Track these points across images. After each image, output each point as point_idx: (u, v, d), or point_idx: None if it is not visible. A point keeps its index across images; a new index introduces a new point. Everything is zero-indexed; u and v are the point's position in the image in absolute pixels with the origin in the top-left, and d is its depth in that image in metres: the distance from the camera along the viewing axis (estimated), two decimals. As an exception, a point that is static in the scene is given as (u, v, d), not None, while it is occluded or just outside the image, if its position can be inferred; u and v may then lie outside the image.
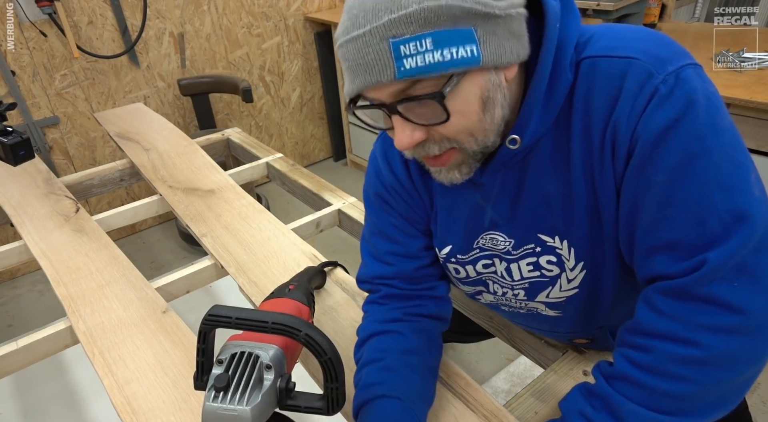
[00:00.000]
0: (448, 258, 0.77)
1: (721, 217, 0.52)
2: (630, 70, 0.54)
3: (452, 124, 0.55)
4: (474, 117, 0.55)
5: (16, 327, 2.21)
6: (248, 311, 0.62)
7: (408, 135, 0.55)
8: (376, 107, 0.56)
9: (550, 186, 0.64)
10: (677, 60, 0.54)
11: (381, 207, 0.79)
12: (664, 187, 0.54)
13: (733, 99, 1.42)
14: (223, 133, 1.83)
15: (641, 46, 0.55)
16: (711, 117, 0.53)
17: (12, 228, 1.67)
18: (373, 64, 0.52)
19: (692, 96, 0.53)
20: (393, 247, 0.79)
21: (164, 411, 0.80)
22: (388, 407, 0.66)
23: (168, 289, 1.11)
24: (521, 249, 0.70)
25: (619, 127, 0.55)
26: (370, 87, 0.53)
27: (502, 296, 0.78)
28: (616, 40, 0.57)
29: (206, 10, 2.58)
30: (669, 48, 0.56)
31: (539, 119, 0.59)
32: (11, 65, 2.17)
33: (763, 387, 1.70)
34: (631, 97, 0.54)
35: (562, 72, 0.57)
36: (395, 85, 0.53)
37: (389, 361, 0.71)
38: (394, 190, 0.76)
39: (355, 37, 0.52)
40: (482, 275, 0.77)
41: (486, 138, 0.58)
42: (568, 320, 0.77)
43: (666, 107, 0.53)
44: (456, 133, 0.56)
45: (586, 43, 0.59)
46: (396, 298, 0.79)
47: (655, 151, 0.54)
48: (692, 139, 0.52)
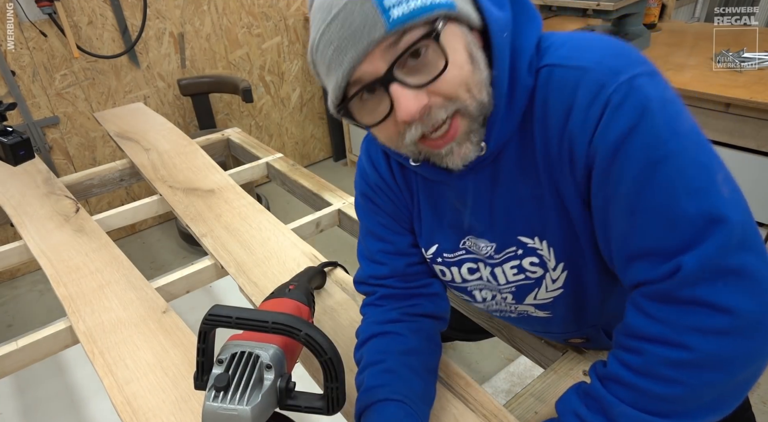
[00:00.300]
0: (435, 258, 0.77)
1: (692, 221, 0.51)
2: (582, 80, 0.54)
3: (450, 75, 0.54)
4: (466, 67, 0.55)
5: (16, 327, 2.21)
6: (248, 311, 0.62)
7: (412, 100, 0.54)
8: (373, 84, 0.55)
9: (521, 188, 0.64)
10: (630, 69, 0.54)
11: (368, 207, 0.80)
12: (630, 196, 0.54)
13: (733, 99, 1.42)
14: (223, 133, 1.84)
15: (595, 56, 0.55)
16: (669, 121, 0.52)
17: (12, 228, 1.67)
18: (361, 28, 0.52)
19: (646, 103, 0.52)
20: (383, 246, 0.80)
21: (164, 411, 0.80)
22: (392, 410, 0.66)
23: (168, 289, 1.11)
24: (503, 252, 0.71)
25: (574, 139, 0.56)
26: (362, 55, 0.53)
27: (492, 301, 0.79)
28: (573, 50, 0.57)
29: (206, 10, 2.58)
30: (623, 57, 0.55)
31: (502, 124, 0.60)
32: (11, 65, 2.17)
33: (763, 387, 1.70)
34: (583, 108, 0.54)
35: (520, 78, 0.58)
36: (387, 42, 0.52)
37: (389, 364, 0.71)
38: (379, 189, 0.77)
39: (335, 14, 0.52)
40: (468, 284, 0.78)
41: (481, 93, 0.57)
42: (559, 320, 0.78)
43: (619, 117, 0.52)
44: (455, 87, 0.55)
45: (546, 50, 0.59)
46: (392, 298, 0.80)
47: (615, 162, 0.54)
48: (651, 146, 0.52)
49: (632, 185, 0.53)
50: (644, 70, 0.54)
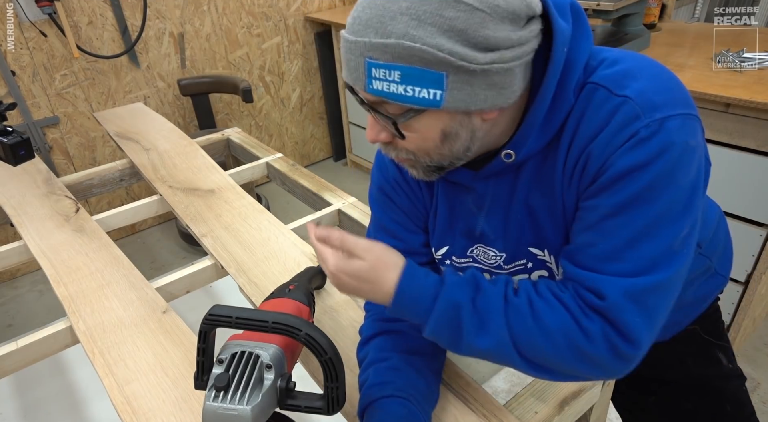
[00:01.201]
0: (443, 260, 0.77)
1: (637, 260, 0.56)
2: (621, 108, 0.55)
3: (409, 141, 0.59)
4: (431, 143, 0.59)
5: (16, 327, 2.21)
6: (248, 311, 0.62)
7: (375, 132, 0.60)
8: (360, 99, 0.59)
9: (535, 198, 0.65)
10: (669, 108, 0.55)
11: (384, 202, 0.80)
12: (602, 216, 0.57)
13: (733, 99, 1.42)
14: (223, 133, 1.84)
15: (640, 87, 0.56)
16: (675, 170, 0.55)
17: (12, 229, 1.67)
18: (353, 69, 0.56)
19: (667, 147, 0.54)
20: (394, 243, 0.79)
21: (164, 411, 0.80)
22: (395, 407, 0.66)
23: (168, 289, 1.11)
24: (512, 264, 0.71)
25: (591, 157, 0.57)
26: (353, 82, 0.57)
27: None
28: (620, 74, 0.58)
29: (206, 10, 2.58)
30: (667, 94, 0.56)
31: (536, 138, 0.60)
32: (11, 65, 2.17)
33: (764, 387, 1.70)
34: (611, 133, 0.56)
35: (565, 95, 0.58)
36: (366, 94, 0.56)
37: (394, 362, 0.71)
38: (398, 185, 0.77)
39: (347, 39, 0.56)
40: None
41: (442, 160, 0.61)
42: None
43: (639, 150, 0.54)
44: (412, 149, 0.60)
45: (595, 67, 0.59)
46: None
47: (614, 186, 0.56)
48: (646, 187, 0.55)
49: (611, 208, 0.56)
50: (681, 111, 0.56)
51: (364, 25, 0.53)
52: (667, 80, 0.58)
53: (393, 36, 0.51)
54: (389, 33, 0.51)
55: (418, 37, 0.50)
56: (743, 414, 0.91)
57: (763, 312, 1.88)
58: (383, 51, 0.52)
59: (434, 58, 0.51)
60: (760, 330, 1.90)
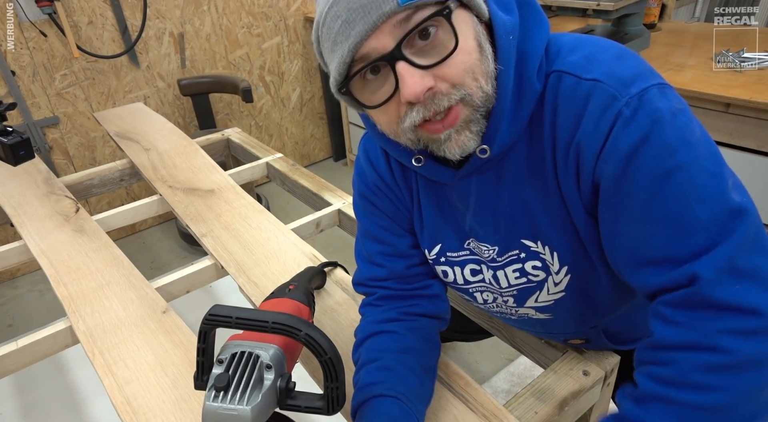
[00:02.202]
0: (438, 258, 0.77)
1: (705, 227, 0.52)
2: (594, 92, 0.55)
3: (458, 59, 0.54)
4: (474, 55, 0.55)
5: (16, 327, 2.21)
6: (248, 311, 0.62)
7: (418, 79, 0.53)
8: (379, 62, 0.54)
9: (527, 191, 0.64)
10: (641, 82, 0.55)
11: (367, 208, 0.79)
12: (643, 205, 0.54)
13: (733, 99, 1.42)
14: (223, 133, 1.84)
15: (606, 68, 0.56)
16: (679, 132, 0.53)
17: (12, 229, 1.67)
18: (371, 1, 0.51)
19: (656, 115, 0.53)
20: (381, 248, 0.79)
21: (164, 411, 0.80)
22: (386, 406, 0.66)
23: (168, 289, 1.11)
24: (506, 255, 0.71)
25: (583, 149, 0.56)
26: (371, 29, 0.52)
27: (493, 303, 0.79)
28: (584, 58, 0.58)
29: (206, 10, 2.58)
30: (634, 69, 0.56)
31: (507, 128, 0.59)
32: (11, 65, 2.17)
33: (763, 387, 1.70)
34: (594, 119, 0.55)
35: (527, 83, 0.58)
36: (397, 17, 0.51)
37: (386, 361, 0.71)
38: (378, 189, 0.76)
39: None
40: (470, 286, 0.78)
41: (487, 84, 0.56)
42: (559, 322, 0.78)
43: (631, 128, 0.53)
44: (462, 73, 0.54)
45: (556, 54, 0.59)
46: (391, 299, 0.79)
47: (627, 171, 0.54)
48: (662, 156, 0.53)
49: (644, 195, 0.54)
50: (653, 82, 0.55)
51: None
52: (630, 57, 0.58)
53: None
54: None
55: None
56: None
57: (763, 312, 1.88)
58: None
59: None
60: (760, 330, 1.90)
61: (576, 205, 0.61)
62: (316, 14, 0.57)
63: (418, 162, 0.67)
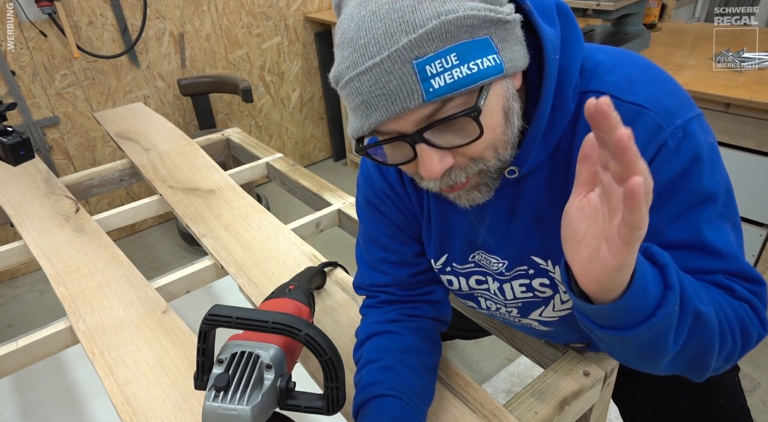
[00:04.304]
0: (443, 268, 0.77)
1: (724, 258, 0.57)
2: (640, 119, 0.54)
3: (482, 140, 0.52)
4: (499, 129, 0.53)
5: (16, 327, 2.21)
6: (248, 311, 0.62)
7: (438, 162, 0.52)
8: (399, 140, 0.52)
9: (544, 209, 0.64)
10: (684, 112, 0.55)
11: (373, 214, 0.78)
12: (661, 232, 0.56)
13: (733, 99, 1.42)
14: (223, 133, 1.83)
15: (650, 94, 0.55)
16: (712, 170, 0.56)
17: (12, 229, 1.67)
18: (396, 92, 0.48)
19: (697, 150, 0.55)
20: (386, 255, 0.78)
21: (164, 411, 0.80)
22: (388, 406, 0.66)
23: (168, 289, 1.10)
24: (514, 270, 0.70)
25: None
26: (394, 118, 0.50)
27: (496, 311, 0.79)
28: (626, 81, 0.56)
29: (206, 10, 2.58)
30: (676, 97, 0.56)
31: (539, 150, 0.59)
32: (11, 65, 2.17)
33: (764, 387, 1.70)
34: (639, 146, 0.54)
35: (563, 103, 0.56)
36: (422, 111, 0.49)
37: (388, 361, 0.71)
38: (386, 196, 0.75)
39: (370, 67, 0.48)
40: (474, 291, 0.78)
41: (506, 151, 0.56)
42: (561, 333, 0.78)
43: (674, 161, 0.54)
44: (483, 151, 0.54)
45: (592, 73, 0.58)
46: (393, 303, 0.80)
47: (662, 202, 0.55)
48: (695, 192, 0.55)
49: (667, 222, 0.56)
50: (695, 114, 0.56)
51: (385, 37, 0.47)
52: (669, 82, 0.58)
53: (431, 20, 0.47)
54: (424, 21, 0.47)
55: (452, 9, 0.47)
56: (735, 405, 0.92)
57: (763, 312, 1.88)
58: (429, 41, 0.47)
59: (477, 19, 0.48)
60: (760, 330, 1.90)
61: None
62: (335, 63, 0.53)
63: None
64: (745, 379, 1.71)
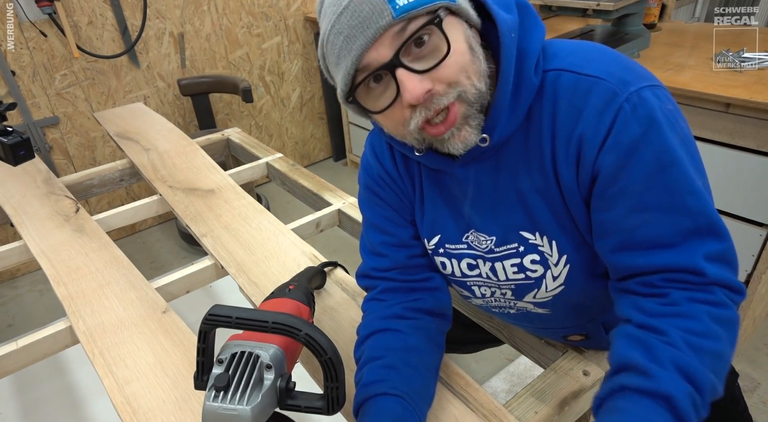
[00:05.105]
0: (437, 249, 0.78)
1: (695, 217, 0.59)
2: (594, 88, 0.60)
3: (451, 60, 0.58)
4: (466, 55, 0.59)
5: (16, 327, 2.21)
6: (248, 311, 0.62)
7: (417, 84, 0.58)
8: (380, 70, 0.58)
9: (524, 182, 0.67)
10: (637, 82, 0.60)
11: (371, 199, 0.82)
12: (639, 195, 0.59)
13: (733, 99, 1.42)
14: (223, 133, 1.84)
15: (606, 68, 0.61)
16: (673, 131, 0.59)
17: (12, 229, 1.67)
18: (369, 16, 0.55)
19: (652, 113, 0.58)
20: (385, 238, 0.81)
21: (164, 411, 0.80)
22: (389, 405, 0.66)
23: (168, 289, 1.11)
24: (503, 247, 0.72)
25: (585, 140, 0.60)
26: (370, 42, 0.56)
27: (491, 297, 0.80)
28: (583, 60, 0.62)
29: (206, 10, 2.58)
30: (631, 71, 0.61)
31: (507, 120, 0.63)
32: (11, 65, 2.17)
33: (763, 387, 1.70)
34: (596, 113, 0.59)
35: (526, 77, 0.62)
36: (393, 29, 0.56)
37: (390, 359, 0.71)
38: (382, 180, 0.80)
39: (346, 5, 0.56)
40: (468, 279, 0.78)
41: (480, 81, 0.61)
42: (558, 316, 0.79)
43: (632, 123, 0.58)
44: (456, 73, 0.59)
45: (554, 56, 0.64)
46: (394, 292, 0.80)
47: (628, 163, 0.59)
48: (661, 151, 0.58)
49: (640, 186, 0.59)
50: (649, 83, 0.60)
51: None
52: (627, 61, 0.63)
53: None
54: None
55: None
56: (737, 410, 0.92)
57: (763, 313, 1.88)
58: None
59: None
60: (760, 330, 1.90)
61: (574, 195, 0.64)
62: (321, 32, 0.61)
63: (419, 152, 0.70)
64: (745, 379, 1.71)
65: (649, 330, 0.58)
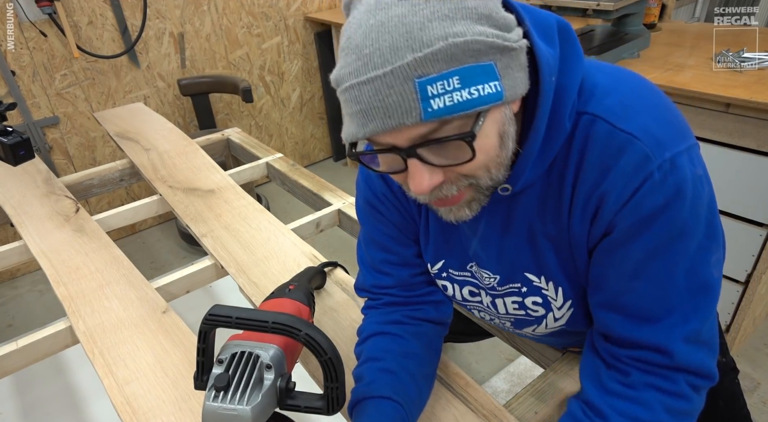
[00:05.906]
0: (440, 273, 0.77)
1: (681, 298, 0.59)
2: (628, 147, 0.54)
3: (473, 162, 0.52)
4: (493, 152, 0.53)
5: (16, 327, 2.21)
6: (248, 311, 0.62)
7: (427, 178, 0.52)
8: (391, 151, 0.52)
9: (536, 225, 0.64)
10: (674, 145, 0.55)
11: (373, 216, 0.78)
12: (638, 262, 0.58)
13: (733, 99, 1.42)
14: (223, 133, 1.84)
15: (643, 123, 0.55)
16: (694, 205, 0.56)
17: (12, 229, 1.67)
18: (395, 107, 0.48)
19: (681, 185, 0.55)
20: (388, 257, 0.79)
21: (164, 411, 0.80)
22: (389, 410, 0.66)
23: (168, 289, 1.11)
24: (506, 286, 0.71)
25: (607, 200, 0.56)
26: (389, 131, 0.49)
27: (490, 322, 0.80)
28: (621, 106, 0.56)
29: (206, 10, 2.58)
30: (669, 128, 0.56)
31: (533, 168, 0.59)
32: (11, 65, 2.17)
33: (764, 387, 1.70)
34: (624, 175, 0.55)
35: (559, 123, 0.56)
36: (418, 128, 0.49)
37: (389, 363, 0.71)
38: (386, 198, 0.75)
39: (372, 78, 0.48)
40: (468, 303, 0.78)
41: (499, 172, 0.56)
42: (558, 340, 0.81)
43: (658, 193, 0.55)
44: (475, 170, 0.54)
45: (590, 94, 0.57)
46: (396, 305, 0.80)
47: (640, 232, 0.57)
48: (675, 226, 0.56)
49: (642, 254, 0.58)
50: (686, 145, 0.56)
51: (390, 50, 0.47)
52: (665, 110, 0.58)
53: (438, 41, 0.46)
54: (431, 41, 0.46)
55: (461, 32, 0.47)
56: (735, 407, 0.92)
57: (763, 313, 1.88)
58: (434, 61, 0.46)
59: (484, 45, 0.47)
60: (760, 330, 1.90)
61: (581, 246, 0.62)
62: (336, 66, 0.53)
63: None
64: (745, 379, 1.71)
65: (596, 415, 0.62)
